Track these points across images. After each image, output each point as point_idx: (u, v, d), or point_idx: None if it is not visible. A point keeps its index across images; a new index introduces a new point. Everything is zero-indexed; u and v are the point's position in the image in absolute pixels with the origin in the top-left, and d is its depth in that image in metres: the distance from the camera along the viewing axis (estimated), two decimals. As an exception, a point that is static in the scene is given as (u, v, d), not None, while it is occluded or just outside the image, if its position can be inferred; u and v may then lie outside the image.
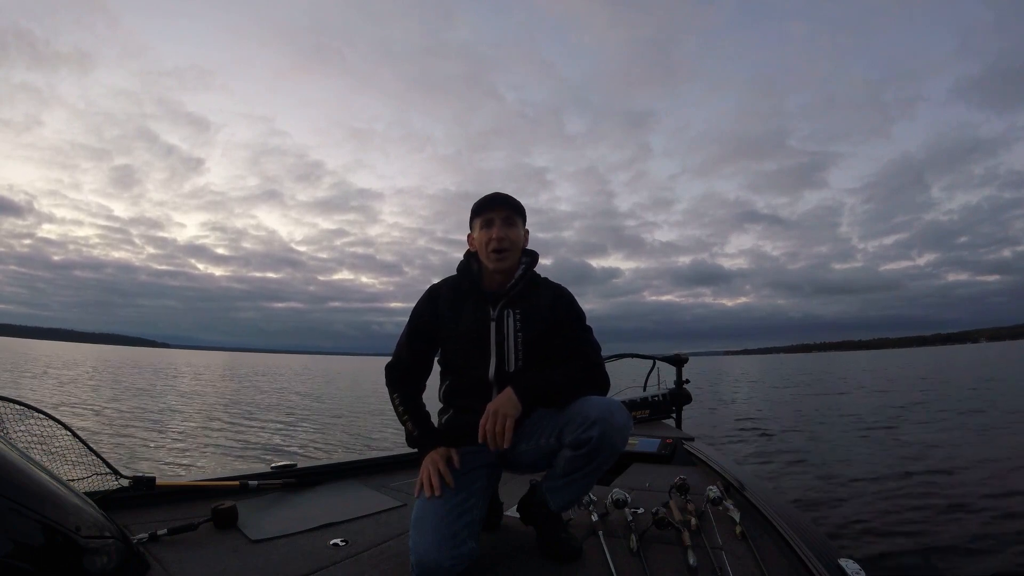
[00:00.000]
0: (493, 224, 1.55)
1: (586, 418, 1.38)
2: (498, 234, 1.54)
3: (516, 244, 1.58)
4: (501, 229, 1.54)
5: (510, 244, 1.55)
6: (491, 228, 1.55)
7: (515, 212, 1.59)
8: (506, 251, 1.55)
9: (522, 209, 1.61)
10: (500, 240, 1.53)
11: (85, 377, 19.69)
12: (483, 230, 1.57)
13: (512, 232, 1.56)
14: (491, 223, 1.56)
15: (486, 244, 1.56)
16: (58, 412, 6.39)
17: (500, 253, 1.54)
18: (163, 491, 1.96)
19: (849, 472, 5.15)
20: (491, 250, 1.54)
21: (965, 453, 5.77)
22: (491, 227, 1.55)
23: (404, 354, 1.62)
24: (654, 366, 4.52)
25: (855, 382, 20.27)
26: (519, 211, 1.60)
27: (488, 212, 1.57)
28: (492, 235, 1.54)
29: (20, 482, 1.19)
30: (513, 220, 1.58)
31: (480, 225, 1.58)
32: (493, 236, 1.54)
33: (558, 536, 1.55)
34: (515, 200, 1.60)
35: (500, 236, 1.54)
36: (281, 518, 1.86)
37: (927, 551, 3.06)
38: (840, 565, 1.32)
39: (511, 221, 1.57)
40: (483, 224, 1.57)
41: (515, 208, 1.59)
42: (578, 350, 1.57)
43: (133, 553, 1.41)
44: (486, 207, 1.57)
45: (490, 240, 1.54)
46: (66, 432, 1.81)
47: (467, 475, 1.45)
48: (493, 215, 1.56)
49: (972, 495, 4.12)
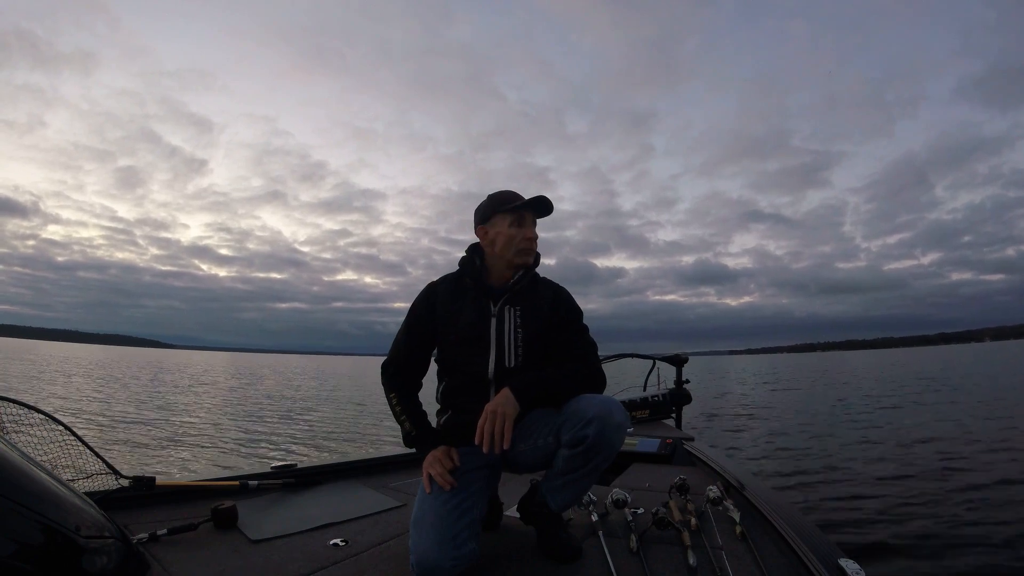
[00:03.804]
0: (526, 222, 1.58)
1: (583, 416, 1.38)
2: (532, 235, 1.59)
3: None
4: (534, 230, 1.60)
5: (536, 246, 1.62)
6: (523, 227, 1.58)
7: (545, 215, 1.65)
8: (533, 252, 1.61)
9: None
10: (532, 241, 1.59)
11: (86, 377, 19.72)
12: (514, 227, 1.57)
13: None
14: (523, 221, 1.58)
15: (515, 241, 1.57)
16: (59, 412, 6.41)
17: (530, 252, 1.59)
18: (163, 491, 1.96)
19: (849, 472, 5.15)
20: (521, 249, 1.57)
21: (966, 453, 5.76)
22: (523, 225, 1.58)
23: (401, 352, 1.62)
24: (654, 366, 4.53)
25: (857, 382, 20.25)
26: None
27: (525, 211, 1.58)
28: (526, 234, 1.57)
29: (21, 482, 1.19)
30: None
31: (511, 221, 1.58)
32: (527, 236, 1.58)
33: (558, 536, 1.55)
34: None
35: (533, 237, 1.59)
36: (281, 518, 1.86)
37: (927, 551, 3.06)
38: (840, 565, 1.32)
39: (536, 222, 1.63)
40: (515, 221, 1.58)
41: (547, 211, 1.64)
42: (575, 349, 1.58)
43: (133, 553, 1.41)
44: (526, 207, 1.58)
45: (524, 239, 1.57)
46: (66, 432, 1.82)
47: (467, 475, 1.45)
48: (528, 214, 1.59)
49: (973, 495, 4.12)
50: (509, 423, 1.37)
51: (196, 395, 14.83)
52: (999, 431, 7.21)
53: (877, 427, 8.08)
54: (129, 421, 8.92)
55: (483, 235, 1.63)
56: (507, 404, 1.38)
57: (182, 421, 9.24)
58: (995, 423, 7.95)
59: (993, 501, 3.95)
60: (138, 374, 23.68)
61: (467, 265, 1.63)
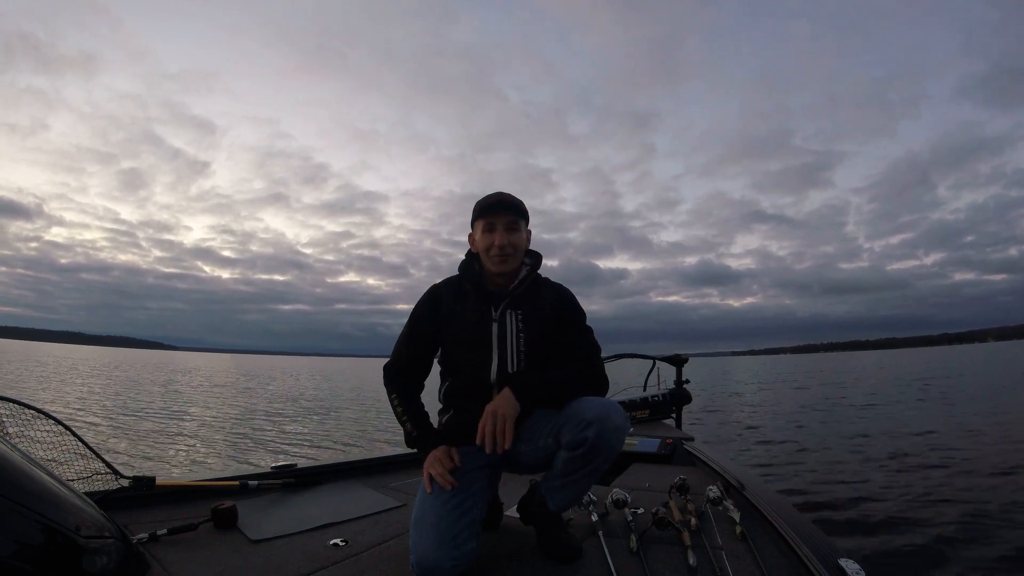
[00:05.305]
0: (495, 229, 1.53)
1: (582, 419, 1.37)
2: (500, 241, 1.52)
3: (518, 248, 1.56)
4: (504, 236, 1.52)
5: (512, 250, 1.54)
6: (493, 233, 1.53)
7: (518, 216, 1.56)
8: (508, 256, 1.54)
9: (525, 211, 1.59)
10: (502, 248, 1.52)
11: (88, 378, 19.73)
12: (485, 234, 1.54)
13: (514, 237, 1.54)
14: (493, 228, 1.53)
15: (487, 250, 1.54)
16: (60, 413, 6.41)
17: (502, 259, 1.53)
18: (163, 491, 1.96)
19: (850, 472, 5.14)
20: (492, 256, 1.53)
21: (967, 453, 5.76)
22: (493, 232, 1.53)
23: (403, 354, 1.62)
24: (654, 366, 4.52)
25: (858, 382, 20.23)
26: (522, 214, 1.57)
27: (490, 216, 1.54)
28: (494, 241, 1.52)
29: (21, 482, 1.19)
30: (516, 224, 1.56)
31: (482, 229, 1.55)
32: (495, 243, 1.52)
33: (558, 536, 1.55)
34: (519, 202, 1.57)
35: (502, 243, 1.52)
36: (281, 518, 1.86)
37: (927, 551, 3.06)
38: (840, 565, 1.32)
39: (514, 226, 1.55)
40: (485, 228, 1.55)
41: (519, 212, 1.56)
42: (578, 350, 1.57)
43: (133, 553, 1.41)
44: (488, 211, 1.55)
45: (491, 247, 1.53)
46: (67, 432, 1.82)
47: (467, 475, 1.45)
48: (495, 220, 1.53)
49: (973, 495, 4.12)
50: (510, 423, 1.36)
51: (197, 395, 14.84)
52: (1000, 431, 7.20)
53: (877, 427, 8.06)
54: (129, 421, 8.93)
55: (471, 242, 1.63)
56: (508, 404, 1.38)
57: (182, 421, 9.25)
58: (996, 424, 7.94)
59: (993, 501, 3.95)
60: (140, 375, 23.70)
61: (466, 270, 1.61)
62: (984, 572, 2.80)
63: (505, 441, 1.35)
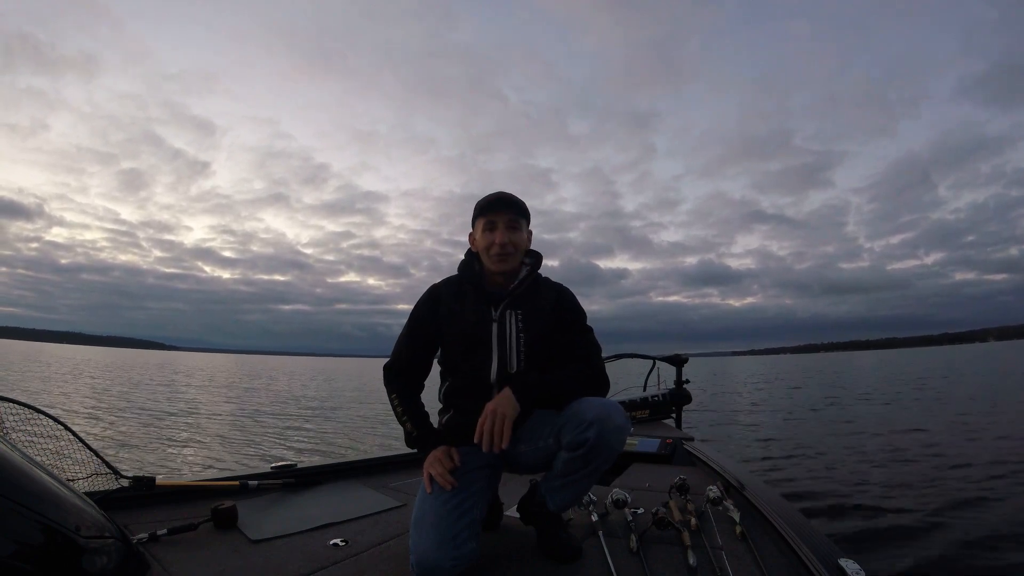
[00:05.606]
0: (496, 228, 1.54)
1: (583, 419, 1.37)
2: (501, 239, 1.52)
3: (519, 247, 1.56)
4: (504, 234, 1.53)
5: (513, 248, 1.54)
6: (494, 232, 1.53)
7: (519, 215, 1.57)
8: (509, 255, 1.54)
9: (526, 210, 1.59)
10: (503, 246, 1.52)
11: (89, 378, 19.74)
12: (486, 233, 1.55)
13: (515, 235, 1.55)
14: (494, 227, 1.54)
15: (487, 248, 1.54)
16: (60, 413, 6.39)
17: (503, 257, 1.53)
18: (163, 491, 1.96)
19: (850, 472, 5.14)
20: (493, 255, 1.54)
21: (967, 453, 5.75)
22: (494, 231, 1.54)
23: (403, 354, 1.62)
24: (654, 366, 4.53)
25: (859, 383, 20.22)
26: (523, 213, 1.58)
27: (491, 215, 1.54)
28: (495, 240, 1.53)
29: (20, 482, 1.19)
30: (517, 223, 1.56)
31: (483, 227, 1.56)
32: (496, 241, 1.53)
33: (558, 536, 1.55)
34: (520, 201, 1.57)
35: (503, 242, 1.52)
36: (281, 518, 1.86)
37: (928, 551, 3.05)
38: (840, 565, 1.32)
39: (515, 224, 1.55)
40: (486, 227, 1.55)
41: (520, 211, 1.57)
42: (578, 350, 1.57)
43: (133, 553, 1.41)
44: (489, 209, 1.55)
45: (492, 245, 1.53)
46: (66, 432, 1.82)
47: (467, 475, 1.45)
48: (496, 218, 1.54)
49: (973, 495, 4.11)
50: (508, 423, 1.36)
51: (197, 396, 14.84)
52: (1001, 432, 7.19)
53: (878, 427, 8.06)
54: (130, 421, 8.93)
55: (472, 242, 1.64)
56: (507, 404, 1.38)
57: (183, 421, 9.25)
58: (998, 424, 7.93)
59: (994, 501, 3.94)
60: (140, 375, 23.71)
61: (466, 270, 1.61)
62: (985, 571, 2.80)
63: (503, 440, 1.35)
